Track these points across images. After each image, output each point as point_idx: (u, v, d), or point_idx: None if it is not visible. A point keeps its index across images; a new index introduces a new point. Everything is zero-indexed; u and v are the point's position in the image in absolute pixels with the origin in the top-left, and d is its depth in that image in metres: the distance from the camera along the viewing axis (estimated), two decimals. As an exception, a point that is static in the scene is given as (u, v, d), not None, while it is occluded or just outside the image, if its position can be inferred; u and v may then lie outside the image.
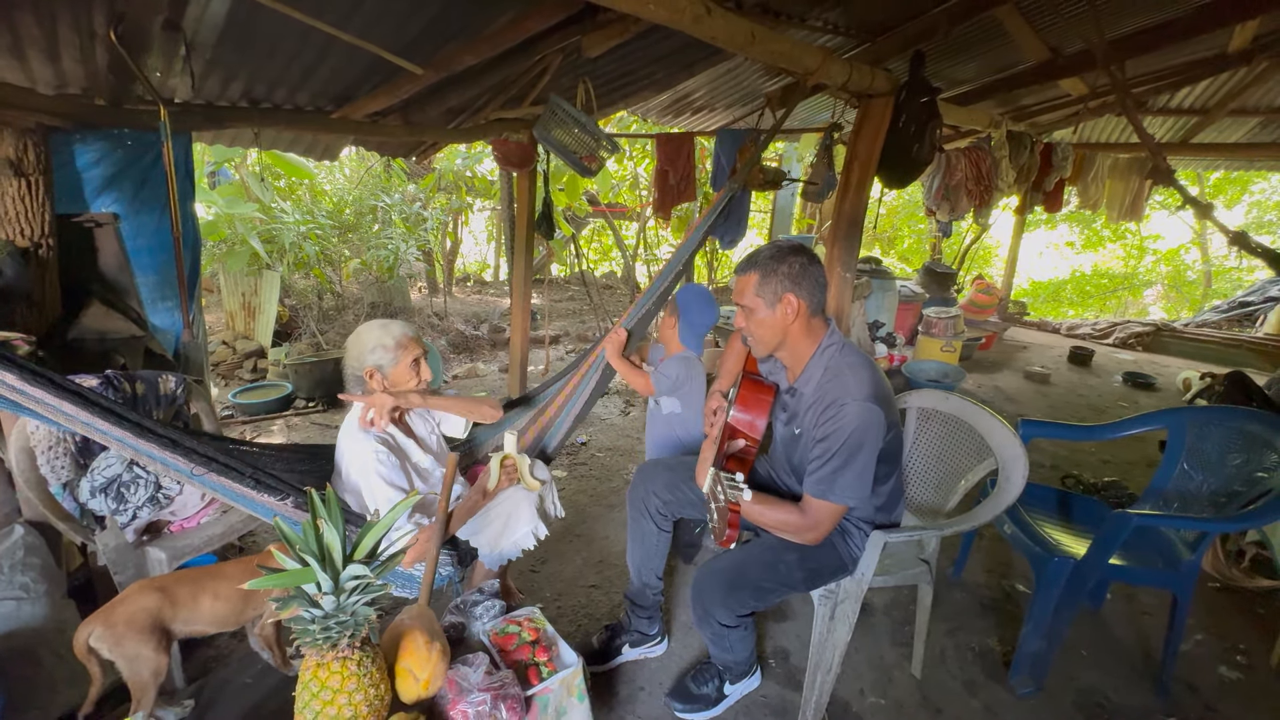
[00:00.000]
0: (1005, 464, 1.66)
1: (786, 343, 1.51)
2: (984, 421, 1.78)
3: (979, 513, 1.62)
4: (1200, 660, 2.00)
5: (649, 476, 1.85)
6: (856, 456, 1.38)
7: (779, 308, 1.46)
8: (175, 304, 2.53)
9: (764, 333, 1.50)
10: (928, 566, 1.75)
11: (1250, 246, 3.21)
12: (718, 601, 1.54)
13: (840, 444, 1.38)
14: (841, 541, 1.58)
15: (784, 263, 1.45)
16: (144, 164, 2.39)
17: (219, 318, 5.43)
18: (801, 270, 1.45)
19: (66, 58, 2.06)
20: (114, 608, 1.39)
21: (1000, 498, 1.60)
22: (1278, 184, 10.62)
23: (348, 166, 7.41)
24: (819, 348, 1.50)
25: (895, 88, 2.61)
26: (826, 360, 1.48)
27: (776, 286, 1.45)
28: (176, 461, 1.39)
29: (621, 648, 1.91)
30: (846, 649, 1.63)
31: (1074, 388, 5.02)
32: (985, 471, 1.78)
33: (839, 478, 1.39)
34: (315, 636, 1.03)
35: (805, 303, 1.46)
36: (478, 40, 2.37)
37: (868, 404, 1.38)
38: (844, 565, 1.58)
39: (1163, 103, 4.67)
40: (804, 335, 1.50)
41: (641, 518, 1.84)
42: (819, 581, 1.60)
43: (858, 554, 1.58)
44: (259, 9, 1.87)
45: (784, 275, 1.45)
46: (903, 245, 11.51)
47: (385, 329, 1.69)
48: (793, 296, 1.45)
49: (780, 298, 1.46)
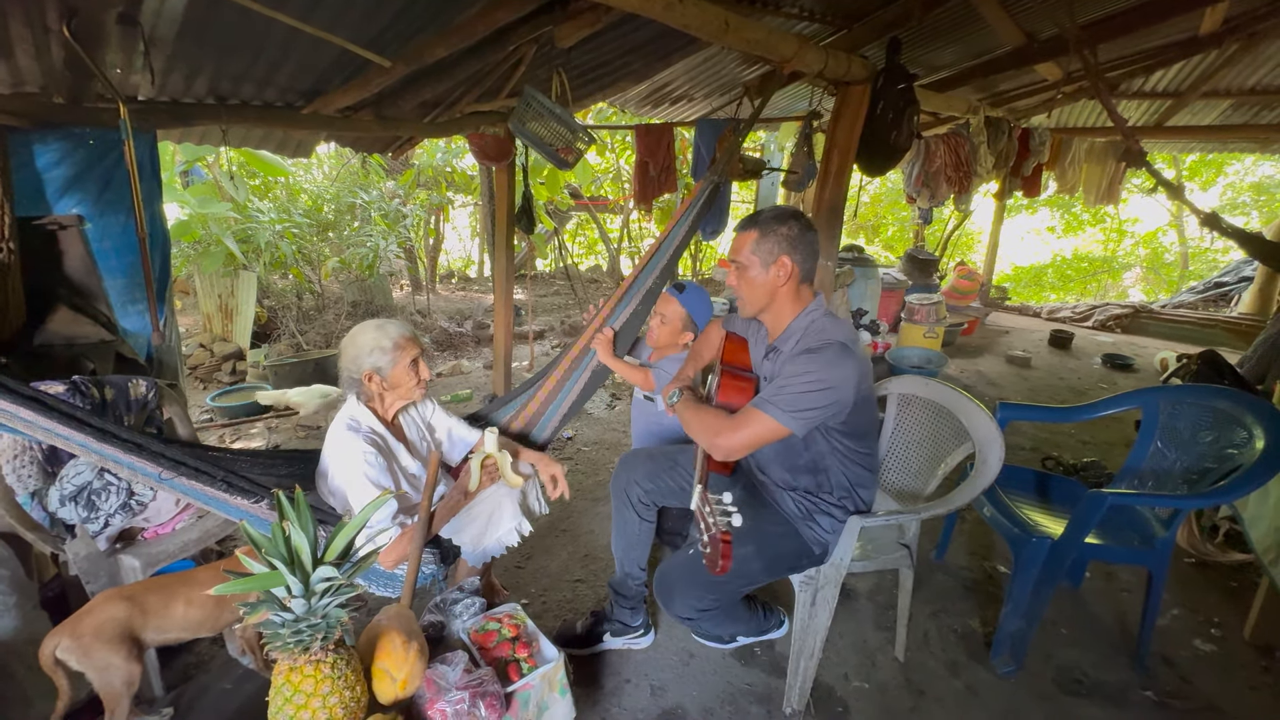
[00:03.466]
0: (982, 446, 1.68)
1: (773, 305, 1.53)
2: (961, 405, 1.80)
3: (956, 495, 1.64)
4: (1176, 634, 2.04)
5: (630, 466, 1.86)
6: (816, 390, 1.37)
7: (773, 268, 1.48)
8: (146, 307, 2.48)
9: (753, 292, 1.52)
10: (908, 550, 1.77)
11: (1222, 228, 3.26)
12: (675, 595, 1.57)
13: (803, 370, 1.39)
14: (805, 526, 1.58)
15: (784, 224, 1.47)
16: (107, 164, 2.32)
17: (195, 320, 5.34)
18: (800, 234, 1.47)
19: (20, 54, 1.99)
20: (80, 618, 1.36)
21: (977, 480, 1.62)
22: (1251, 165, 10.79)
23: (325, 164, 7.30)
24: (803, 312, 1.51)
25: (872, 75, 2.61)
26: (807, 323, 1.50)
27: (773, 246, 1.47)
28: (144, 466, 1.36)
29: (603, 635, 1.91)
30: (829, 634, 1.64)
31: (1054, 370, 5.09)
32: (964, 455, 1.80)
33: (787, 397, 1.38)
34: (286, 640, 1.02)
35: (798, 267, 1.48)
36: (448, 31, 2.33)
37: (845, 350, 1.40)
38: (808, 551, 1.58)
39: (1137, 86, 4.72)
40: (791, 299, 1.52)
41: (624, 507, 1.84)
42: (780, 570, 1.61)
43: (825, 538, 1.58)
44: (219, 2, 1.82)
45: (782, 236, 1.47)
46: (886, 233, 11.58)
47: (382, 330, 1.66)
48: (787, 259, 1.47)
49: (775, 259, 1.47)
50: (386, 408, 1.73)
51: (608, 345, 2.06)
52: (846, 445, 1.53)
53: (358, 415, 1.65)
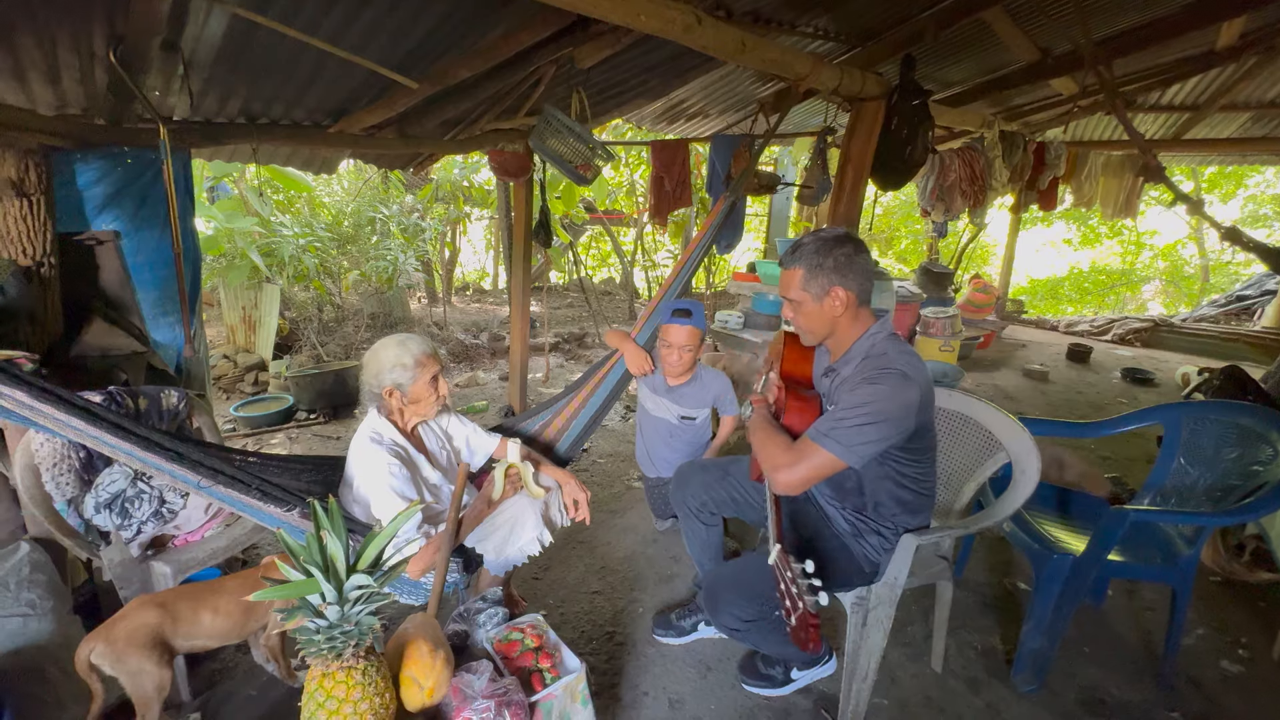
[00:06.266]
0: (1019, 457, 1.66)
1: (835, 334, 1.51)
2: (994, 419, 1.78)
3: (998, 508, 1.61)
4: (1202, 654, 2.00)
5: (685, 481, 1.95)
6: (874, 423, 1.32)
7: (826, 301, 1.45)
8: (176, 319, 2.55)
9: (812, 324, 1.50)
10: (946, 563, 1.76)
11: (1243, 241, 3.23)
12: (720, 605, 1.56)
13: (862, 402, 1.34)
14: (857, 544, 1.57)
15: (829, 256, 1.43)
16: (144, 181, 2.41)
17: (220, 332, 5.45)
18: (848, 261, 1.43)
19: (67, 79, 2.09)
20: (114, 625, 1.40)
21: (1016, 491, 1.60)
22: (1273, 178, 10.65)
23: (346, 179, 7.46)
24: (865, 334, 1.48)
25: (887, 91, 2.64)
26: (869, 346, 1.46)
27: (824, 280, 1.44)
28: (185, 474, 1.40)
29: (698, 625, 2.02)
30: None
31: (1073, 385, 5.03)
32: (995, 468, 1.78)
33: (845, 432, 1.33)
34: (320, 647, 1.04)
35: (854, 294, 1.44)
36: (472, 54, 2.40)
37: (906, 380, 1.36)
38: (859, 569, 1.57)
39: (1153, 100, 4.70)
40: (850, 324, 1.48)
41: (689, 518, 1.94)
42: (831, 586, 1.58)
43: (877, 558, 1.56)
44: (255, 28, 1.90)
45: (829, 269, 1.43)
46: (900, 246, 11.54)
47: (403, 347, 1.69)
48: (840, 290, 1.43)
49: (827, 291, 1.44)
50: (406, 420, 1.77)
51: (641, 363, 2.21)
52: (902, 469, 1.49)
53: (379, 428, 1.69)
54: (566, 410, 2.14)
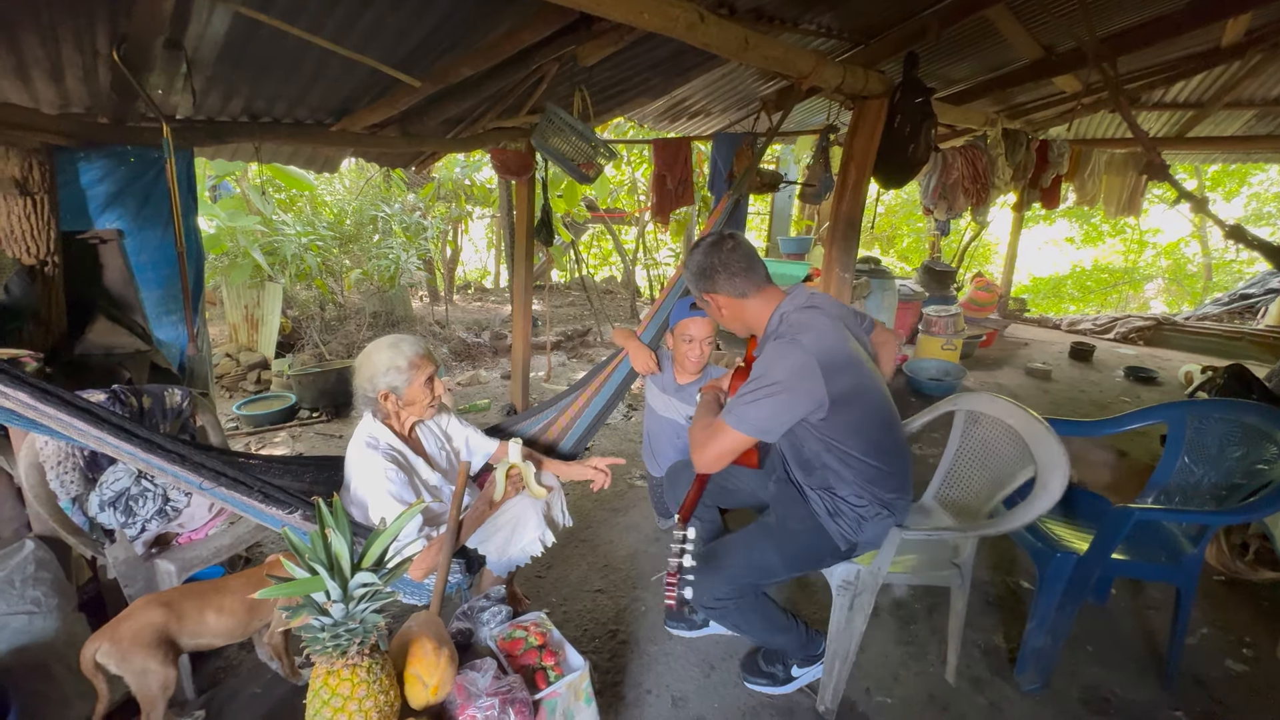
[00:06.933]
0: (1044, 469, 1.59)
1: (749, 323, 1.58)
2: (1028, 425, 1.71)
3: (1014, 516, 1.57)
4: (1206, 653, 2.00)
5: (676, 479, 2.05)
6: (769, 396, 1.37)
7: (711, 309, 1.60)
8: (179, 318, 2.56)
9: (730, 325, 1.61)
10: (958, 570, 1.72)
11: (1246, 239, 3.22)
12: (699, 583, 1.59)
13: (755, 376, 1.41)
14: (831, 522, 1.57)
15: (689, 269, 1.58)
16: (147, 180, 2.42)
17: (222, 330, 5.46)
18: (701, 265, 1.54)
19: (70, 78, 2.09)
20: (119, 623, 1.41)
21: (1035, 504, 1.54)
22: (1276, 175, 10.60)
23: (348, 178, 7.46)
24: (775, 311, 1.52)
25: (889, 89, 2.63)
26: (776, 322, 1.50)
27: (699, 292, 1.58)
28: (188, 475, 1.40)
29: (709, 620, 2.04)
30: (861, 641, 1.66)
31: (1076, 383, 5.02)
32: (1026, 478, 1.69)
33: (743, 408, 1.40)
34: (325, 644, 1.05)
35: (727, 293, 1.54)
36: (474, 52, 2.40)
37: (792, 344, 1.39)
38: (834, 548, 1.57)
39: (1157, 97, 4.68)
40: (760, 309, 1.54)
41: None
42: (803, 565, 1.64)
43: (853, 537, 1.56)
44: (258, 26, 1.90)
45: (697, 281, 1.57)
46: (902, 244, 11.53)
47: (396, 349, 1.67)
48: (715, 296, 1.55)
49: (709, 301, 1.58)
50: (403, 423, 1.75)
51: (647, 361, 2.21)
52: (838, 444, 1.49)
53: (376, 433, 1.66)
54: (571, 409, 2.14)
